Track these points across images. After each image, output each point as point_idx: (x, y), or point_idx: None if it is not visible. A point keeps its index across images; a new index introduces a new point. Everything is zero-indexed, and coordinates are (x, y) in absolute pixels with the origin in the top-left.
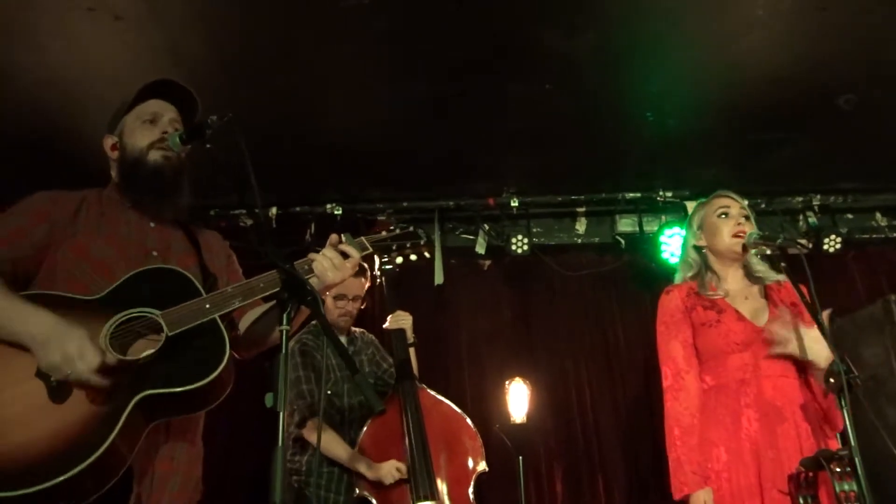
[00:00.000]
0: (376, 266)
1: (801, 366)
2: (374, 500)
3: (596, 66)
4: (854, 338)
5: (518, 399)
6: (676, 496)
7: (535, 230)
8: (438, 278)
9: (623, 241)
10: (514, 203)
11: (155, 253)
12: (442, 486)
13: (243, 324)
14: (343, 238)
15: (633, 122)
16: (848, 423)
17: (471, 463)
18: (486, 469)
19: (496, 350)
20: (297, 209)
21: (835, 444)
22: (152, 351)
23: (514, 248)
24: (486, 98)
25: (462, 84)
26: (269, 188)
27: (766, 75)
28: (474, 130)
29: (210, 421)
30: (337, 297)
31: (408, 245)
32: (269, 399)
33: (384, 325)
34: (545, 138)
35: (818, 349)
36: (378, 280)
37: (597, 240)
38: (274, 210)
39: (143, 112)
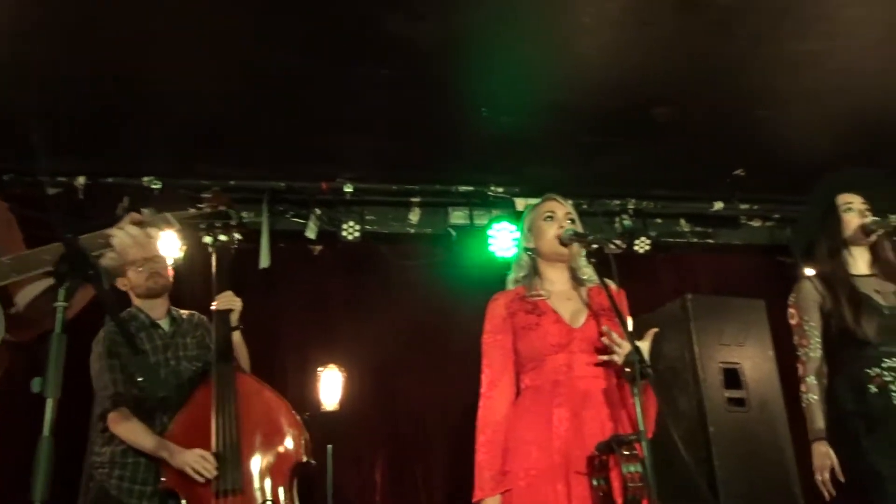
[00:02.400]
0: (210, 242)
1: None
2: (179, 492)
3: (436, 56)
4: (658, 333)
5: (330, 386)
6: (473, 499)
7: (368, 218)
8: (264, 261)
9: (455, 233)
10: (349, 189)
11: None
12: (256, 479)
13: (22, 299)
14: (146, 213)
15: (469, 116)
16: (638, 410)
17: (291, 454)
18: (308, 461)
19: (322, 337)
20: (111, 180)
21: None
22: None
23: (344, 234)
24: (326, 79)
25: (301, 62)
26: (78, 154)
27: (593, 82)
28: (311, 111)
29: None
30: (137, 262)
31: (217, 225)
32: (36, 384)
33: (211, 307)
34: (383, 125)
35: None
36: (212, 258)
37: (430, 230)
38: (82, 179)
39: None
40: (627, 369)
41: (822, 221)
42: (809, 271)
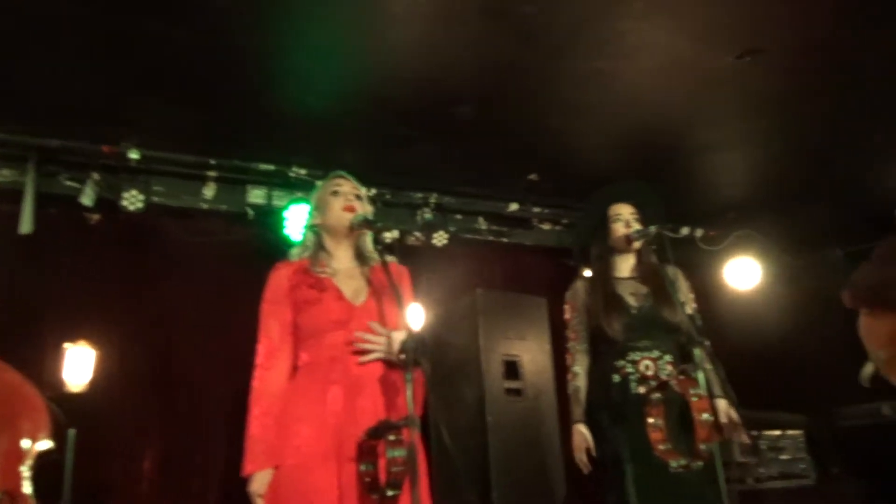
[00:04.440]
0: None
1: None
2: None
3: (240, 24)
4: (449, 324)
5: (78, 365)
6: (243, 472)
7: (156, 188)
8: (26, 227)
9: (252, 213)
10: (134, 155)
11: None
12: None
13: None
14: None
15: (274, 92)
16: (409, 395)
17: (28, 439)
18: (54, 445)
19: (94, 313)
20: None
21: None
22: None
23: (126, 203)
24: (112, 31)
25: (85, 10)
26: None
27: (402, 74)
28: (94, 65)
29: None
30: None
31: None
32: None
33: None
34: (178, 90)
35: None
36: None
37: (225, 208)
38: None
39: None
40: (402, 356)
41: (594, 229)
42: (588, 272)
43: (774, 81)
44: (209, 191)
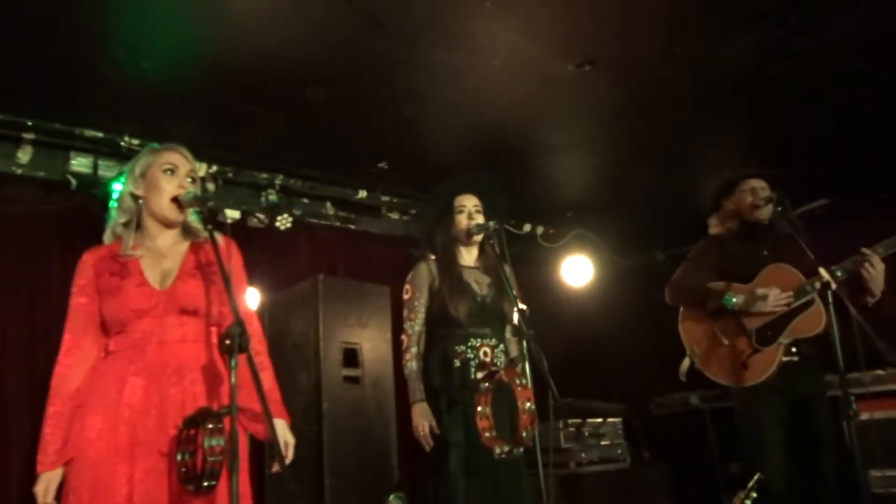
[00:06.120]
0: None
1: (207, 329)
2: None
3: None
4: (288, 310)
5: None
6: (37, 471)
7: None
8: None
9: (75, 182)
10: None
11: None
12: None
13: None
14: None
15: (103, 51)
16: (233, 382)
17: None
18: None
19: None
20: None
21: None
22: None
23: None
24: None
25: None
26: None
27: (249, 46)
28: None
29: None
30: None
31: None
32: None
33: None
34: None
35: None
36: None
37: (43, 174)
38: None
39: None
40: (227, 341)
41: (439, 217)
42: (432, 256)
43: (609, 91)
44: (24, 154)
